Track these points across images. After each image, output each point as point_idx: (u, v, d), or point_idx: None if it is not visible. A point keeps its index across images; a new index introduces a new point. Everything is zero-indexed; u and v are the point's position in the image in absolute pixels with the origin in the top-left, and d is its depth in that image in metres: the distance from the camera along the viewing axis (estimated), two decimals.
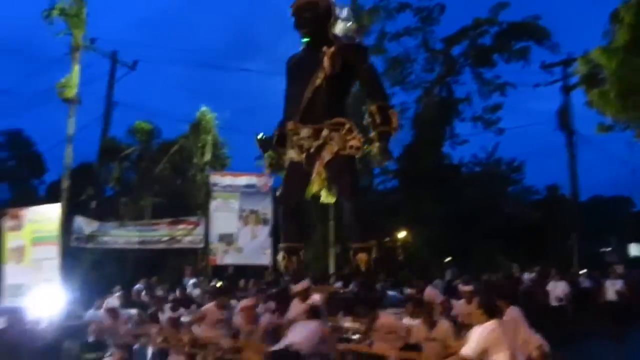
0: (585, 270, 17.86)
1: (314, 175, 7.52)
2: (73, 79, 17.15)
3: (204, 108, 19.51)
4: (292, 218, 7.99)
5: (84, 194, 18.35)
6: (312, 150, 7.47)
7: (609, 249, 29.51)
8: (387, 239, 24.87)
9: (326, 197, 8.20)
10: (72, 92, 17.06)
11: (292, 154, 7.78)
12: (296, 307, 7.29)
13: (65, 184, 16.82)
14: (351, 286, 9.48)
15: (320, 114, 7.57)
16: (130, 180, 20.18)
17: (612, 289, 12.89)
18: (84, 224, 16.40)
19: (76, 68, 17.20)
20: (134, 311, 9.93)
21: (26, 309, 11.76)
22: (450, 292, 11.50)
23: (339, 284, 11.48)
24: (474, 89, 22.12)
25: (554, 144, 22.90)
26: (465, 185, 24.21)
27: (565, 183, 22.36)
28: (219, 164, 19.89)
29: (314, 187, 7.80)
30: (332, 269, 17.74)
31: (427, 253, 21.73)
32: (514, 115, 24.98)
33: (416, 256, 22.17)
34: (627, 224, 33.50)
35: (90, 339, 8.79)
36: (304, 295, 7.36)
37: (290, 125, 7.88)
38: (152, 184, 19.11)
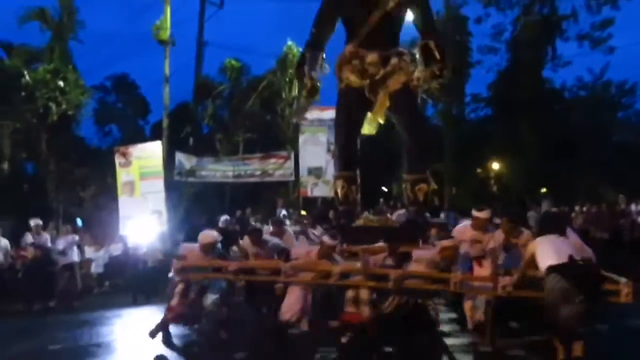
0: None
1: (377, 104, 7.29)
2: (166, 21, 17.80)
3: (290, 42, 19.53)
4: (349, 145, 7.67)
5: (183, 132, 19.52)
6: (377, 77, 7.19)
7: None
8: (480, 170, 24.15)
9: (368, 129, 7.87)
10: (165, 34, 17.76)
11: (351, 78, 7.44)
12: None
13: (165, 122, 17.96)
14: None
15: (388, 42, 7.25)
16: (224, 117, 21.07)
17: None
18: (184, 160, 17.53)
19: (168, 10, 17.79)
20: None
21: (130, 237, 13.20)
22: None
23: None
24: (581, 3, 19.92)
25: None
26: (568, 112, 22.47)
27: None
28: None
29: (376, 116, 7.60)
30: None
31: (523, 184, 20.82)
32: (627, 31, 22.35)
33: (511, 187, 21.36)
34: None
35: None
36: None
37: (350, 48, 7.53)
38: (244, 120, 19.81)
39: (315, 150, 17.64)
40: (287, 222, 13.06)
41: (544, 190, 20.88)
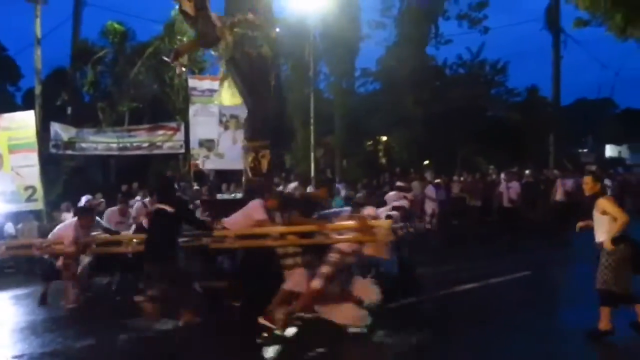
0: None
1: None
2: None
3: (177, 7, 18.56)
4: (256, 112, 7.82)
5: (59, 100, 17.93)
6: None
7: (585, 150, 30.13)
8: (369, 142, 25.13)
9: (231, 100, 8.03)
10: None
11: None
12: None
13: (38, 89, 16.31)
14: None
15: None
16: (107, 85, 19.65)
17: (561, 189, 13.05)
18: (61, 131, 16.17)
19: None
20: None
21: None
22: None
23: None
24: None
25: (540, 44, 22.51)
26: (448, 87, 24.00)
27: (549, 85, 22.33)
28: (197, 67, 19.33)
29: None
30: (313, 171, 17.94)
31: (409, 156, 22.04)
32: (501, 14, 24.26)
33: (397, 159, 22.51)
34: (606, 125, 33.97)
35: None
36: None
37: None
38: (129, 89, 18.62)
39: (207, 121, 17.15)
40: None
41: (426, 162, 22.30)
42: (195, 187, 14.97)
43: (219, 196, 10.05)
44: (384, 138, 24.86)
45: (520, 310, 6.45)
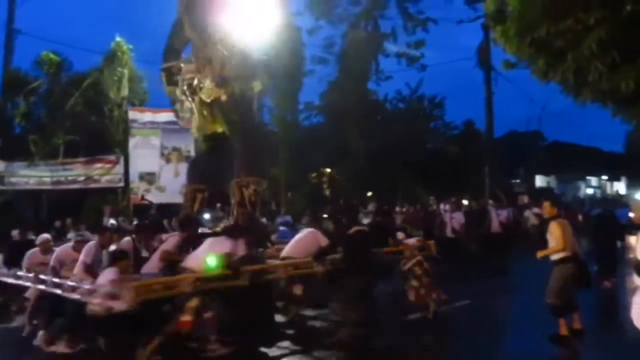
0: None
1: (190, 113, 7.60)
2: None
3: (119, 38, 18.30)
4: (198, 160, 8.14)
5: None
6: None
7: (518, 180, 31.71)
8: (314, 174, 25.33)
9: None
10: None
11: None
12: None
13: None
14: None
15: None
16: (40, 116, 18.84)
17: (496, 219, 13.26)
18: None
19: None
20: None
21: None
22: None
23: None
24: (399, 24, 22.17)
25: (474, 80, 23.75)
26: (389, 121, 24.76)
27: (483, 119, 23.47)
28: (137, 99, 18.97)
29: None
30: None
31: (352, 187, 22.38)
32: (438, 52, 25.50)
33: (341, 191, 22.78)
34: (535, 157, 35.98)
35: None
36: None
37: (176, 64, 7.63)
38: (64, 121, 17.93)
39: (148, 154, 16.83)
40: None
41: (370, 193, 22.70)
42: (135, 221, 14.45)
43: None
44: (328, 170, 25.17)
45: (465, 337, 6.60)
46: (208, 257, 5.59)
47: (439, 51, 28.03)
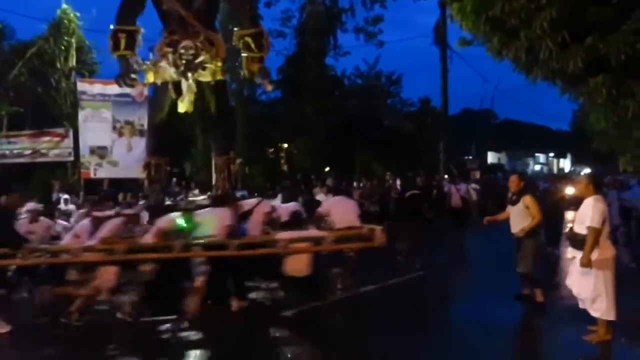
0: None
1: (186, 89, 7.59)
2: None
3: (65, 6, 17.41)
4: (156, 132, 8.23)
5: None
6: (190, 63, 7.50)
7: (470, 157, 32.65)
8: (271, 149, 25.20)
9: (186, 107, 8.41)
10: None
11: (165, 75, 7.71)
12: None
13: None
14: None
15: (202, 28, 7.54)
16: None
17: (457, 194, 13.47)
18: None
19: None
20: None
21: None
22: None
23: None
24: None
25: (431, 58, 24.01)
26: (347, 97, 24.82)
27: (439, 96, 23.86)
28: (87, 70, 18.21)
29: (185, 101, 7.86)
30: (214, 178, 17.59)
31: (310, 163, 22.42)
32: (396, 29, 25.61)
33: (299, 166, 22.80)
34: (487, 134, 37.07)
35: None
36: None
37: (166, 35, 7.72)
38: (7, 91, 17.03)
39: (99, 127, 16.24)
40: (71, 205, 11.90)
41: (327, 168, 22.83)
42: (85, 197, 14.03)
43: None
44: (285, 145, 25.09)
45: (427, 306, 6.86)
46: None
47: (397, 28, 28.18)
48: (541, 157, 49.73)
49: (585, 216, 4.99)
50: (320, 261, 6.58)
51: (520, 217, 6.28)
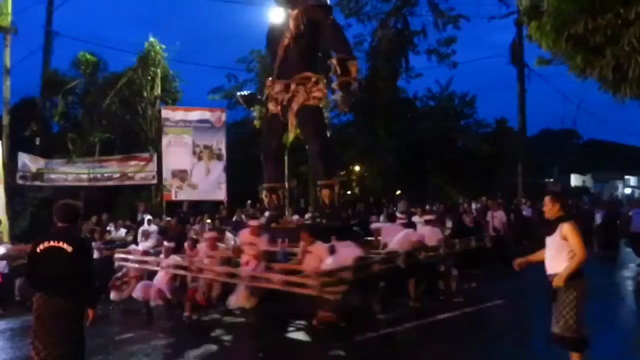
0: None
1: (289, 124, 8.74)
2: (7, 6, 15.90)
3: (152, 39, 18.67)
4: (272, 161, 9.00)
5: (28, 130, 17.59)
6: (284, 102, 8.58)
7: (552, 179, 31.01)
8: (343, 172, 25.33)
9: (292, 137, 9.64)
10: (6, 20, 15.83)
11: (270, 107, 8.98)
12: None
13: (6, 119, 16.00)
14: (307, 216, 10.34)
15: (291, 70, 8.61)
16: (77, 115, 19.40)
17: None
18: (29, 161, 15.86)
19: None
20: None
21: None
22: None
23: (295, 217, 11.83)
24: (429, 21, 21.90)
25: (506, 77, 23.31)
26: (419, 119, 24.54)
27: (516, 117, 23.01)
28: (170, 98, 19.36)
29: (290, 135, 9.17)
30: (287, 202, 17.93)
31: (381, 185, 22.29)
32: (469, 48, 25.14)
33: (370, 189, 22.73)
34: (570, 155, 35.11)
35: None
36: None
37: (268, 82, 9.16)
38: (100, 119, 18.43)
39: (180, 152, 17.12)
40: (153, 226, 12.52)
41: (399, 191, 22.55)
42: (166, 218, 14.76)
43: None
44: (357, 168, 25.12)
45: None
46: None
47: (471, 48, 27.63)
48: (632, 179, 46.15)
49: None
50: None
51: (557, 252, 4.50)
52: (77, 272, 3.98)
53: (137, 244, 10.69)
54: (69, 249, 3.96)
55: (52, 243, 4.00)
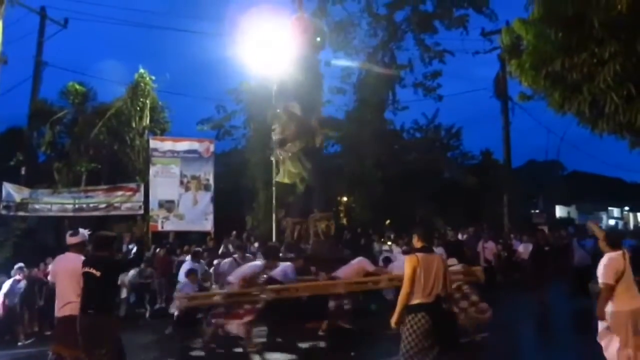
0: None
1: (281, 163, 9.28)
2: None
3: (142, 70, 18.85)
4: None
5: (14, 160, 17.49)
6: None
7: (537, 210, 31.28)
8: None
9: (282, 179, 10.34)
10: None
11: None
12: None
13: None
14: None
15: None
16: (64, 145, 19.35)
17: (525, 251, 12.92)
18: (13, 191, 15.72)
19: (0, 24, 16.05)
20: None
21: None
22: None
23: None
24: (416, 55, 22.42)
25: (491, 110, 23.80)
26: (406, 151, 24.82)
27: (501, 148, 23.38)
28: (159, 128, 19.42)
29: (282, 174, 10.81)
30: (274, 232, 17.86)
31: (369, 216, 22.32)
32: (454, 82, 25.65)
33: (358, 219, 22.74)
34: (554, 186, 35.52)
35: None
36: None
37: None
38: (88, 149, 18.39)
39: (168, 182, 17.10)
40: None
41: (388, 222, 22.62)
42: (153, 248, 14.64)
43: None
44: (345, 199, 25.18)
45: None
46: None
47: (456, 82, 28.19)
48: (615, 210, 46.82)
49: None
50: None
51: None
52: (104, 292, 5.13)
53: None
54: (97, 273, 5.07)
55: (85, 269, 5.15)
